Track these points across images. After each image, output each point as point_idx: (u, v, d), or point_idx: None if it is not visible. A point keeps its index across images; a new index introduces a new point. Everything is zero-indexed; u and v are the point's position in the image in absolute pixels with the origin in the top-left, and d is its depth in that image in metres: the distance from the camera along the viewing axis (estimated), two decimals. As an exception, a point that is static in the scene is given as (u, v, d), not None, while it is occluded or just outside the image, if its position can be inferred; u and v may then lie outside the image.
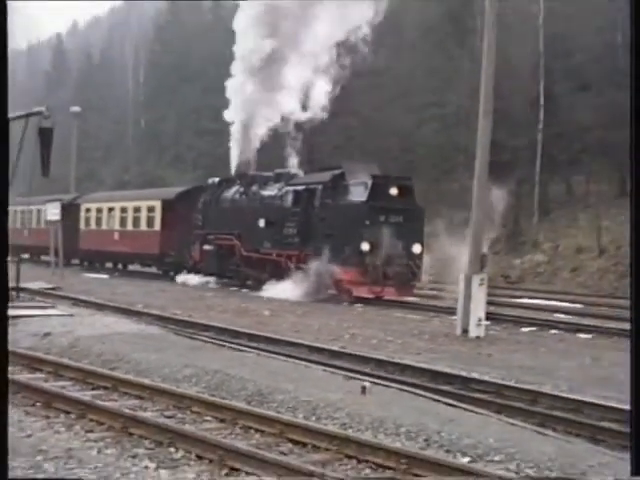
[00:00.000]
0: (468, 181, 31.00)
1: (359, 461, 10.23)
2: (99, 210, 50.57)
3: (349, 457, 10.35)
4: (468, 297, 22.81)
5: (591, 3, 50.97)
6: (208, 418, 12.34)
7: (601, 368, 18.10)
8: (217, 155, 73.16)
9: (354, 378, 15.15)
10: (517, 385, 15.25)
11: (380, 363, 17.29)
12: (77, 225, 51.05)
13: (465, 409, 13.18)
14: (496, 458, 10.37)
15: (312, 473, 9.16)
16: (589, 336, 23.83)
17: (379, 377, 15.68)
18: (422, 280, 32.82)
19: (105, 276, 46.11)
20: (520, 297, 36.12)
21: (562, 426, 12.63)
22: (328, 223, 31.68)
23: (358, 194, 30.61)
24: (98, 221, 50.50)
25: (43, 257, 51.79)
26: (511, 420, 12.64)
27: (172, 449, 10.61)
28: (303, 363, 17.07)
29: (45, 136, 17.53)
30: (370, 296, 30.50)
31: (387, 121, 54.01)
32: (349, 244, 30.12)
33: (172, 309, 26.56)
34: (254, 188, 37.48)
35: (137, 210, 46.63)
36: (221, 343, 19.81)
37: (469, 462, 10.20)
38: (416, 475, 9.64)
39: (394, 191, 30.22)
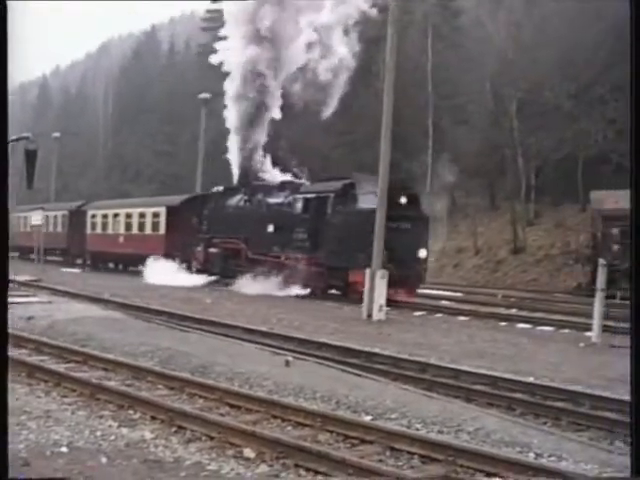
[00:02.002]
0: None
1: (283, 420, 10.26)
2: (104, 216, 47.51)
3: (275, 417, 10.37)
4: (372, 288, 22.99)
5: (467, 56, 51.57)
6: (160, 386, 12.31)
7: (474, 344, 18.28)
8: (169, 172, 73.85)
9: (280, 354, 15.16)
10: (410, 358, 15.33)
11: (301, 341, 17.29)
12: (84, 229, 48.63)
13: (368, 377, 13.27)
14: (392, 416, 10.49)
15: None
16: (467, 318, 24.08)
17: (300, 352, 15.69)
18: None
19: (78, 270, 45.62)
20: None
21: (444, 390, 12.73)
22: (340, 228, 28.72)
23: (371, 202, 26.95)
24: (104, 226, 47.33)
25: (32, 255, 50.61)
26: (405, 386, 12.76)
27: (131, 411, 10.60)
28: (238, 342, 17.07)
29: (30, 156, 17.76)
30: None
31: (311, 145, 54.00)
32: (362, 249, 26.51)
33: (133, 298, 26.34)
34: (259, 196, 34.34)
35: (142, 216, 43.46)
36: (171, 325, 19.74)
37: (371, 420, 10.29)
38: (329, 431, 9.72)
39: (404, 200, 27.76)
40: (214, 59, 40.59)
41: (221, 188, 37.55)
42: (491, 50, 48.80)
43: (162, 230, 41.00)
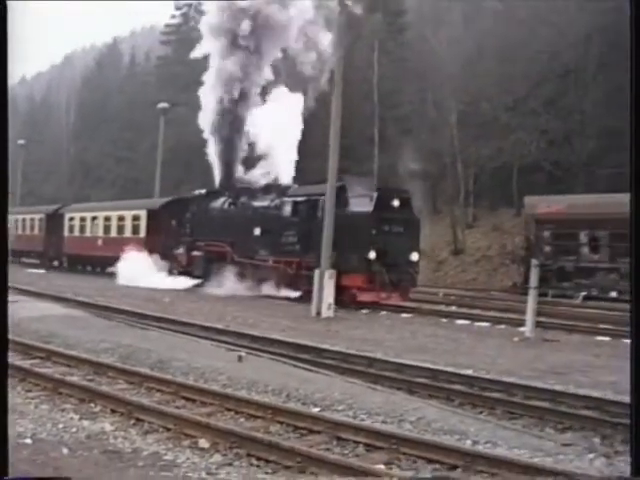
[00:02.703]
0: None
1: (237, 412, 10.27)
2: (83, 219, 45.49)
3: (229, 410, 10.38)
4: (321, 287, 23.04)
5: (411, 69, 51.86)
6: (120, 381, 12.26)
7: (417, 339, 18.38)
8: (130, 177, 73.48)
9: (234, 350, 15.15)
10: (357, 353, 15.36)
11: (254, 338, 17.27)
12: (61, 232, 46.86)
13: (318, 372, 13.32)
14: (339, 408, 10.55)
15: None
16: (410, 315, 24.18)
17: (253, 349, 15.68)
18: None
19: (43, 271, 45.13)
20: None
21: (389, 382, 12.79)
22: (334, 232, 25.53)
23: (363, 205, 26.25)
24: (82, 229, 45.38)
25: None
26: (352, 379, 12.79)
27: (92, 404, 10.55)
28: (195, 339, 17.03)
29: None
30: (376, 301, 25.95)
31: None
32: (355, 252, 25.70)
33: (95, 297, 26.14)
34: (243, 199, 32.37)
35: (122, 219, 41.57)
36: (132, 323, 19.63)
37: (319, 411, 10.34)
38: (280, 422, 9.75)
39: (396, 202, 26.30)
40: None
41: (204, 191, 35.63)
42: (433, 64, 49.09)
43: (142, 233, 39.34)
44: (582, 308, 27.30)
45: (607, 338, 19.37)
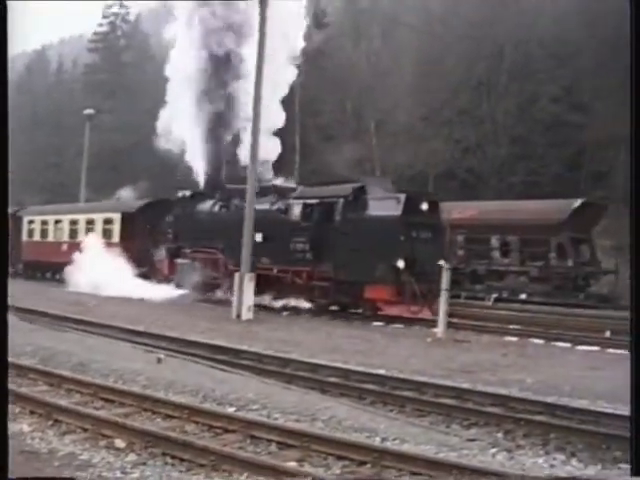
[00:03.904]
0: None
1: (153, 412, 10.21)
2: (44, 222, 41.03)
3: (146, 410, 10.31)
4: (241, 290, 22.98)
5: (332, 79, 52.14)
6: (40, 383, 12.09)
7: (333, 340, 18.47)
8: (57, 181, 72.48)
9: (153, 351, 15.05)
10: (273, 354, 15.38)
11: (173, 340, 17.16)
12: (19, 237, 41.24)
13: (234, 372, 13.32)
14: (254, 407, 10.55)
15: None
16: (327, 317, 24.23)
17: (172, 350, 15.59)
18: None
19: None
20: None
21: (303, 382, 12.84)
22: (353, 238, 23.37)
23: (390, 208, 23.02)
24: (44, 233, 40.92)
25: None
26: (267, 380, 12.82)
27: (12, 406, 10.37)
28: (115, 341, 16.88)
29: None
30: (407, 316, 22.62)
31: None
32: (381, 260, 22.49)
33: (24, 301, 25.62)
34: (236, 201, 28.34)
35: (91, 222, 37.08)
36: (54, 326, 19.36)
37: (234, 411, 10.34)
38: (196, 422, 9.72)
39: (425, 206, 23.37)
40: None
41: (188, 192, 31.70)
42: (353, 75, 49.48)
43: (116, 238, 35.20)
44: (493, 310, 27.72)
45: (515, 338, 19.71)
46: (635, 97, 6.56)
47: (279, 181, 29.37)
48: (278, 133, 30.89)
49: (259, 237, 25.86)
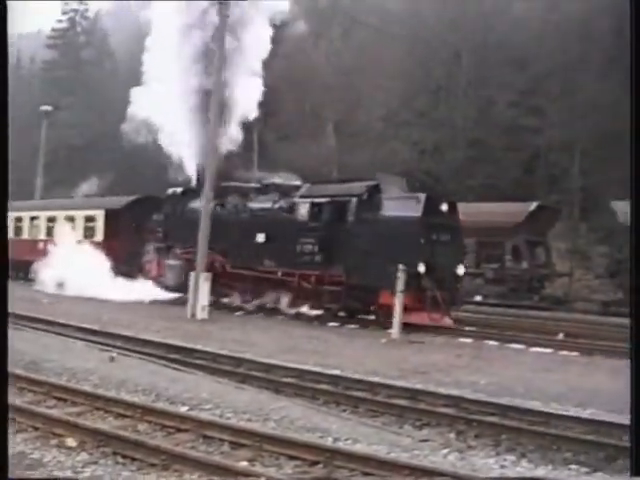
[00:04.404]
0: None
1: (106, 411, 10.15)
2: (18, 219, 38.68)
3: (98, 409, 10.25)
4: (196, 289, 22.90)
5: (290, 78, 52.06)
6: (-8, 382, 11.95)
7: (289, 340, 18.45)
8: (13, 178, 71.27)
9: (106, 350, 14.96)
10: (227, 353, 15.35)
11: (127, 339, 17.06)
12: None
13: (188, 372, 13.28)
14: (207, 407, 10.53)
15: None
16: (283, 317, 24.18)
17: (126, 349, 15.50)
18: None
19: None
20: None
21: (257, 382, 12.83)
22: (369, 240, 21.97)
23: (409, 209, 21.67)
24: (17, 230, 38.47)
25: None
26: (220, 379, 12.80)
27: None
28: (70, 339, 16.74)
29: None
30: (427, 323, 21.17)
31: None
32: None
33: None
34: (233, 200, 27.22)
35: (71, 219, 34.88)
36: (10, 325, 19.11)
37: (187, 410, 10.30)
38: (148, 421, 9.68)
39: (444, 207, 22.11)
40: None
41: (179, 189, 29.75)
42: (312, 75, 49.47)
43: (99, 236, 33.49)
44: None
45: (470, 340, 19.81)
46: (635, 97, 6.47)
47: (279, 179, 27.68)
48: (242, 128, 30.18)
49: (261, 237, 24.97)
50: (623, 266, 29.03)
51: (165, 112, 29.05)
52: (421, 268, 20.92)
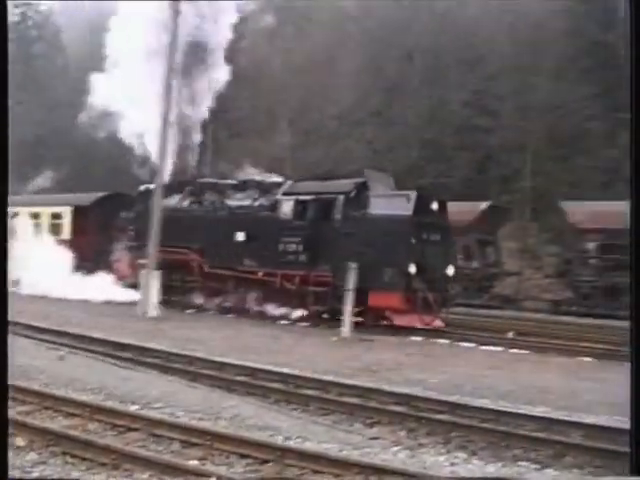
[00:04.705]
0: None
1: (55, 410, 10.07)
2: None
3: (47, 408, 10.18)
4: (147, 287, 22.73)
5: (244, 75, 52.00)
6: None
7: (240, 339, 18.43)
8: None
9: (56, 348, 14.82)
10: (178, 351, 15.27)
11: (76, 337, 16.90)
12: None
13: (138, 370, 13.21)
14: (157, 405, 10.49)
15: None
16: (233, 315, 24.04)
17: (76, 347, 15.37)
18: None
19: None
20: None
21: (209, 380, 12.81)
22: (357, 239, 21.25)
23: (399, 207, 20.99)
24: None
25: None
26: (171, 377, 12.77)
27: None
28: (17, 337, 16.52)
29: None
30: (419, 326, 20.63)
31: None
32: (389, 265, 20.51)
33: None
34: (210, 196, 26.19)
35: (36, 217, 33.05)
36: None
37: (138, 409, 10.25)
38: (99, 420, 9.62)
39: (435, 206, 21.55)
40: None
41: (152, 186, 26.95)
42: (267, 72, 49.44)
43: (66, 234, 31.89)
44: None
45: (420, 338, 19.91)
46: (635, 97, 6.42)
47: (259, 176, 26.72)
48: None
49: (241, 236, 24.03)
50: (572, 265, 29.44)
51: (128, 100, 27.88)
52: (412, 269, 20.48)
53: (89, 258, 29.44)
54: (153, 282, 22.68)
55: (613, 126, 37.30)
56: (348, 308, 19.56)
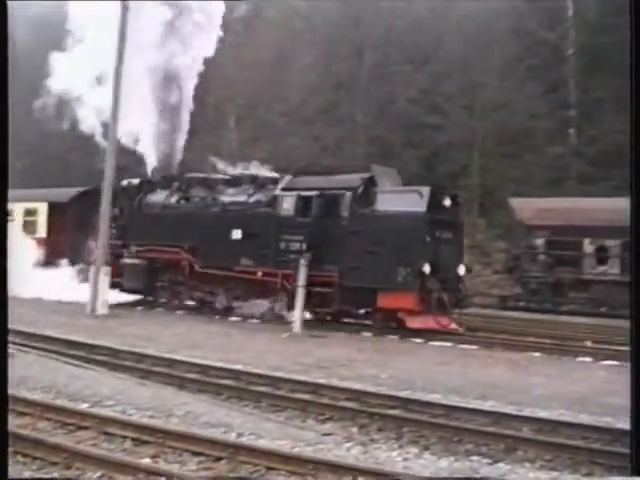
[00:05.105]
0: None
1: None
2: None
3: (-3, 407, 10.02)
4: (96, 284, 22.46)
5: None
6: None
7: (190, 336, 18.32)
8: None
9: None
10: (128, 349, 15.17)
11: (26, 335, 16.64)
12: None
13: (88, 368, 13.08)
14: (108, 403, 10.40)
15: None
16: (182, 312, 23.87)
17: (24, 345, 15.15)
18: None
19: None
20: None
21: (160, 378, 12.73)
22: (366, 237, 20.13)
23: (411, 203, 19.85)
24: None
25: None
26: (122, 375, 12.66)
27: None
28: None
29: None
30: (436, 328, 19.49)
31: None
32: (402, 264, 19.43)
33: None
34: (200, 192, 24.95)
35: (7, 214, 31.27)
36: None
37: (88, 407, 10.15)
38: (49, 419, 9.50)
39: (447, 202, 20.47)
40: None
41: (136, 181, 26.61)
42: (215, 68, 49.20)
43: (42, 232, 30.26)
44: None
45: (370, 334, 19.96)
46: (635, 97, 6.34)
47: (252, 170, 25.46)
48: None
49: (237, 234, 22.71)
50: (520, 261, 29.73)
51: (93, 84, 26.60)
52: (426, 268, 19.42)
53: (66, 256, 28.22)
54: (102, 279, 22.42)
55: (558, 124, 37.82)
56: (299, 304, 19.57)
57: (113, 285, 24.49)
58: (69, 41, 27.76)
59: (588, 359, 16.79)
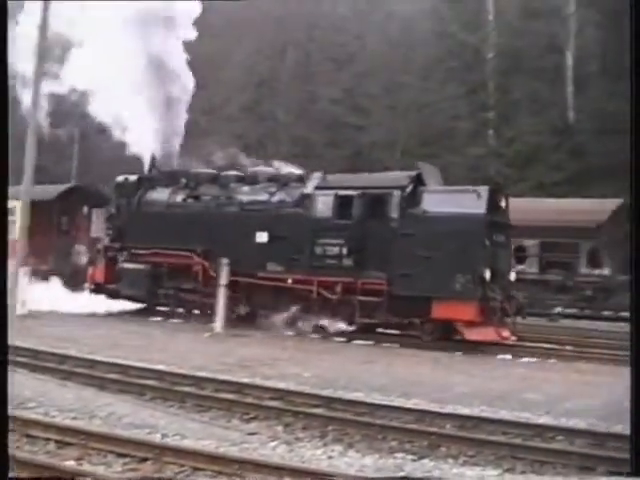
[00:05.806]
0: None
1: None
2: None
3: None
4: (15, 284, 21.91)
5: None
6: None
7: (112, 336, 18.11)
8: None
9: None
10: (49, 350, 14.97)
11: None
12: None
13: (9, 369, 12.85)
14: (30, 405, 10.25)
15: None
16: (104, 314, 23.69)
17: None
18: None
19: None
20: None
21: (82, 379, 12.59)
22: (419, 241, 18.25)
23: (468, 205, 18.03)
24: None
25: None
26: (43, 376, 12.50)
27: None
28: None
29: None
30: (497, 340, 18.03)
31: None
32: (462, 271, 17.66)
33: None
34: (212, 190, 22.89)
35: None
36: None
37: (10, 409, 9.99)
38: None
39: (503, 203, 19.01)
40: None
41: (133, 177, 24.46)
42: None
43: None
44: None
45: (293, 333, 19.98)
46: (635, 97, 6.55)
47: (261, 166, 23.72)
48: None
49: (263, 237, 20.75)
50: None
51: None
52: (487, 274, 17.88)
53: (47, 259, 26.23)
54: (21, 279, 21.93)
55: (478, 125, 38.48)
56: (222, 303, 19.51)
57: (108, 293, 23.70)
58: None
59: (508, 356, 17.21)
